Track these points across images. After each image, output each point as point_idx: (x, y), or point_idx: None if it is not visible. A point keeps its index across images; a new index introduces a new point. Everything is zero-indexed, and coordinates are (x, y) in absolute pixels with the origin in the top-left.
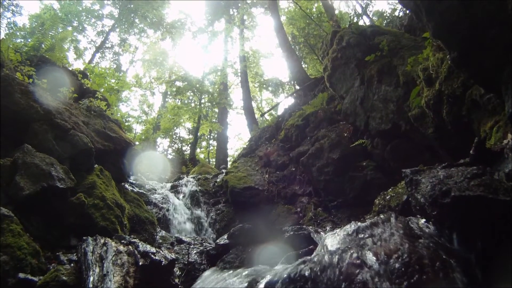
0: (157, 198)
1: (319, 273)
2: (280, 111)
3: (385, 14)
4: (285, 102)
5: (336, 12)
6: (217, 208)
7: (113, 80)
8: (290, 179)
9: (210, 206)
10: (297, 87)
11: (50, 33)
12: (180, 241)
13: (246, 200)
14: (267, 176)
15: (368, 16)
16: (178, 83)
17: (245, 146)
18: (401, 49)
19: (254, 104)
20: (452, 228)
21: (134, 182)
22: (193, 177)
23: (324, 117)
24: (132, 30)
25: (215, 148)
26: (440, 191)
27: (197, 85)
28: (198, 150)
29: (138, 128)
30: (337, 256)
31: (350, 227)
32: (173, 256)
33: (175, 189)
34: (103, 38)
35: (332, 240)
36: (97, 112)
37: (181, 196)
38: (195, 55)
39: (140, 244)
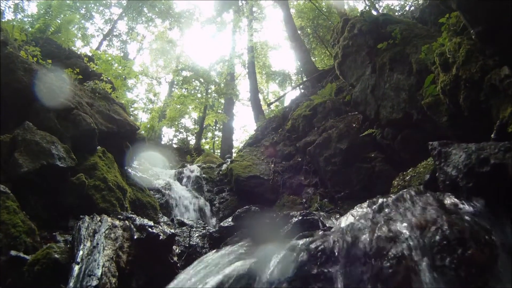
0: (160, 183)
1: (343, 248)
2: (287, 103)
3: (395, 9)
4: (293, 93)
5: (346, 7)
6: (220, 197)
7: (120, 67)
8: (296, 170)
9: (214, 194)
10: (305, 79)
11: (58, 20)
12: (181, 224)
13: (251, 189)
14: (272, 165)
15: (377, 10)
16: (185, 73)
17: (250, 136)
18: (414, 37)
19: (260, 96)
20: (488, 202)
21: (137, 167)
22: (198, 166)
23: (332, 107)
24: (140, 19)
25: (220, 139)
26: (477, 159)
27: (204, 75)
28: (203, 140)
29: (144, 117)
30: (363, 230)
31: (374, 202)
32: (172, 231)
33: (178, 176)
34: (111, 26)
35: (354, 216)
36: (101, 94)
37: (184, 181)
38: (202, 47)
39: (137, 218)
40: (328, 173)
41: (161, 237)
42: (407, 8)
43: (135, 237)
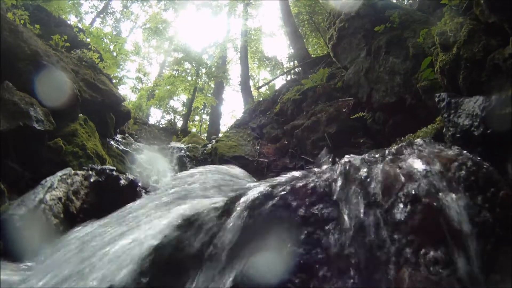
0: (143, 158)
1: (340, 186)
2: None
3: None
4: (284, 79)
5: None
6: None
7: (109, 44)
8: (282, 152)
9: None
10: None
11: None
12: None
13: None
14: (258, 147)
15: None
16: (176, 54)
17: (238, 119)
18: (413, 22)
19: (251, 83)
20: (506, 155)
21: (120, 140)
22: (184, 145)
23: (323, 92)
24: None
25: (208, 122)
26: (499, 99)
27: (196, 58)
28: (190, 123)
29: (133, 97)
30: (367, 168)
31: (373, 153)
32: (137, 178)
33: (162, 152)
34: (105, 3)
35: (349, 160)
36: (88, 63)
37: (167, 157)
38: (196, 30)
39: (100, 166)
40: (314, 157)
41: (121, 181)
42: (405, 2)
43: (92, 180)
